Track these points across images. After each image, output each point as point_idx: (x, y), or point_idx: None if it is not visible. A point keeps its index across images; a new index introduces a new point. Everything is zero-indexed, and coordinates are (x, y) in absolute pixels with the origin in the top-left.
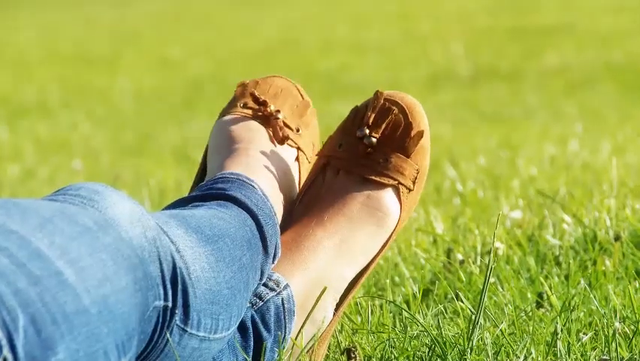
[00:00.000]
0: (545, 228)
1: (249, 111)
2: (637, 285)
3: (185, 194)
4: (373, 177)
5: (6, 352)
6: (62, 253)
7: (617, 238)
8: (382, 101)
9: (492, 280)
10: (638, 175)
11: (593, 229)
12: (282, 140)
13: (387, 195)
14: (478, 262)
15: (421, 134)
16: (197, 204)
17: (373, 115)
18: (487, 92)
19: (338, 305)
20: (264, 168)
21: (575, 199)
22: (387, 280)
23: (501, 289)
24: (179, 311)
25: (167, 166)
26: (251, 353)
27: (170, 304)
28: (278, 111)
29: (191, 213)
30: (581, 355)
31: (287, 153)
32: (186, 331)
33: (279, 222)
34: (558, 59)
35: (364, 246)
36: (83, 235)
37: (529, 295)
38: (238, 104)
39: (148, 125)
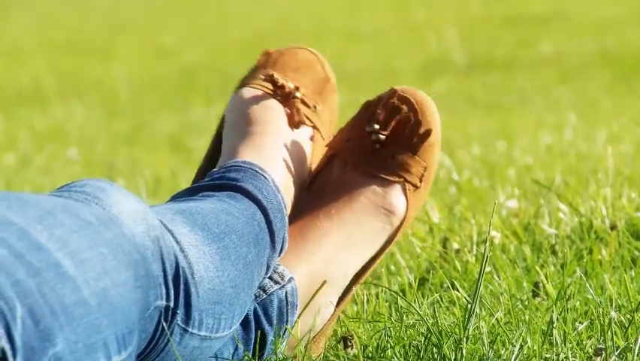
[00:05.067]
0: (541, 217)
1: (269, 85)
2: (633, 274)
3: (181, 183)
4: (379, 174)
5: (4, 343)
6: (62, 246)
7: (613, 227)
8: (394, 97)
9: (488, 269)
10: (634, 164)
11: (589, 217)
12: (298, 124)
13: (394, 193)
14: (474, 251)
15: (429, 132)
16: (207, 194)
17: (383, 111)
18: (482, 80)
19: (340, 300)
20: (278, 156)
21: (571, 188)
22: (383, 269)
23: (497, 278)
24: (180, 311)
25: (162, 155)
26: (252, 346)
27: (171, 304)
28: (297, 89)
29: (198, 207)
30: (577, 344)
31: (302, 134)
32: (187, 331)
33: (289, 211)
34: (553, 47)
35: (369, 242)
36: (84, 228)
37: (525, 284)
38: (259, 75)
39: (143, 113)
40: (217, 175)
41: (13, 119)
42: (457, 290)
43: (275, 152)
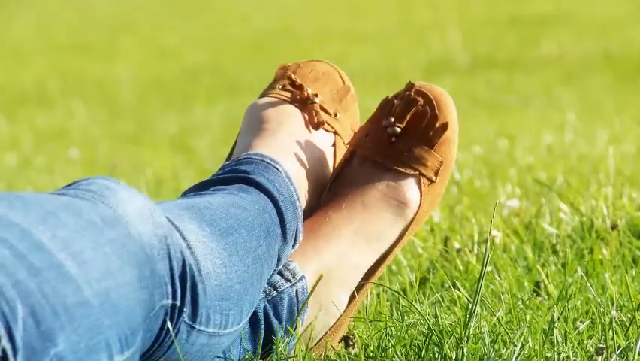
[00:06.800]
0: (542, 216)
1: (287, 94)
2: (634, 273)
3: (182, 183)
4: (394, 167)
5: (5, 343)
6: (64, 246)
7: (614, 226)
8: (411, 92)
9: (489, 268)
10: (634, 164)
11: (590, 217)
12: (317, 125)
13: (407, 185)
14: (475, 251)
15: (445, 126)
16: (218, 187)
17: (400, 105)
18: (485, 80)
19: (354, 295)
20: (291, 151)
21: (572, 188)
22: (385, 269)
23: (498, 278)
24: (187, 309)
25: (164, 155)
26: (260, 344)
27: (178, 303)
28: (315, 95)
29: (207, 202)
30: (578, 343)
31: (322, 138)
32: (194, 328)
33: (303, 207)
34: (556, 47)
35: (380, 235)
36: (87, 228)
37: (526, 283)
38: (277, 86)
39: (145, 113)
40: (229, 168)
41: (15, 119)
42: (458, 290)
43: (289, 147)
